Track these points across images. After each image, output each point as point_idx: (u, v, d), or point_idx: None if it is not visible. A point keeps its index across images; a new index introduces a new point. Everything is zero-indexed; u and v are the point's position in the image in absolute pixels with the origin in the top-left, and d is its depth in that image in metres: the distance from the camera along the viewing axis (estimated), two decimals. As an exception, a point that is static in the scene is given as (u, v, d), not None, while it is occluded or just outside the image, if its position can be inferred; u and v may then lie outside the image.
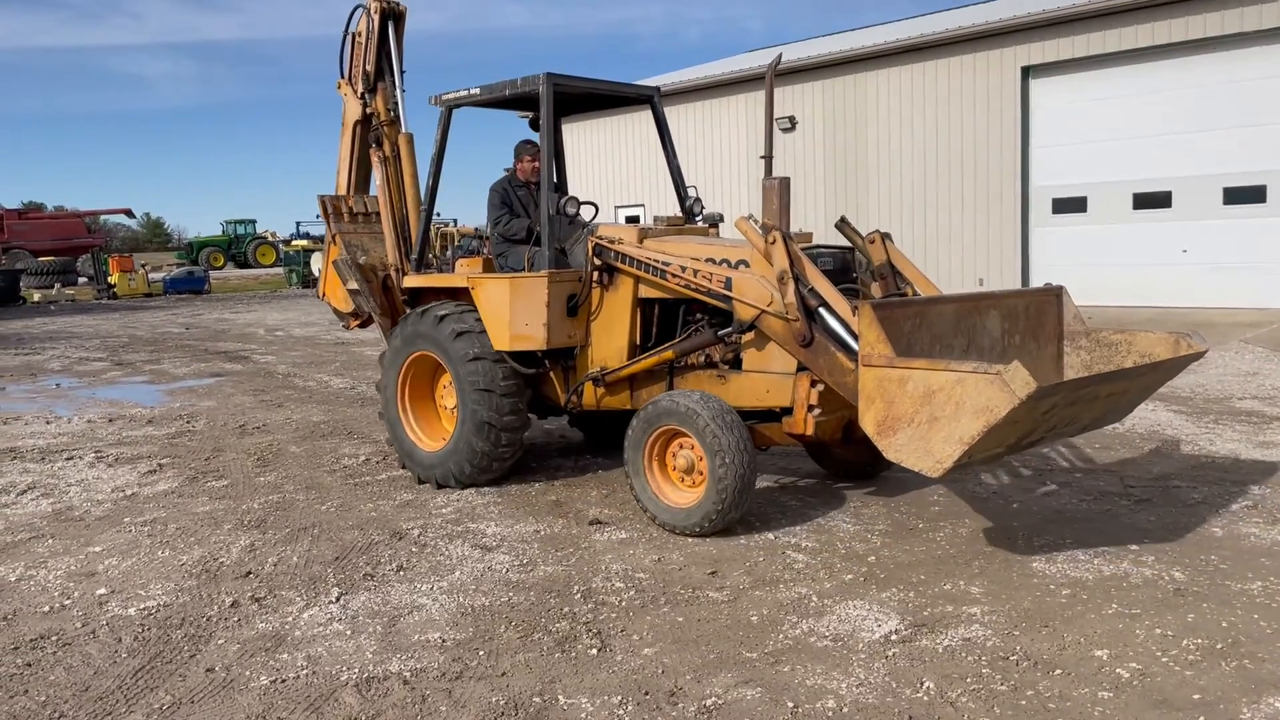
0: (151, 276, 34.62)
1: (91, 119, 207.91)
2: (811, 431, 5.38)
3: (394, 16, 7.42)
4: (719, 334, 5.68)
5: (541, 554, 5.17)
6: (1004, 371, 4.01)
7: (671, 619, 4.26)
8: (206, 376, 12.73)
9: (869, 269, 6.03)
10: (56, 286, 34.36)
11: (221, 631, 4.27)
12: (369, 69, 7.41)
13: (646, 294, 6.08)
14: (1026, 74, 17.80)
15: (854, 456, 6.34)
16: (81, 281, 38.91)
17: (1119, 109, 16.91)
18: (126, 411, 10.05)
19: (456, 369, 6.32)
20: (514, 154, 6.95)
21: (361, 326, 7.98)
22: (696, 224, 6.93)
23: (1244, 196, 15.83)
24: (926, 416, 4.29)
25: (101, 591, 4.79)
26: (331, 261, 7.71)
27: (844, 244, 6.13)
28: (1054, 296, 5.78)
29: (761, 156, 5.99)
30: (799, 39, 26.97)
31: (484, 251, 7.00)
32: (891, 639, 3.99)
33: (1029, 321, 5.59)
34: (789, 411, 5.47)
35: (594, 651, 3.96)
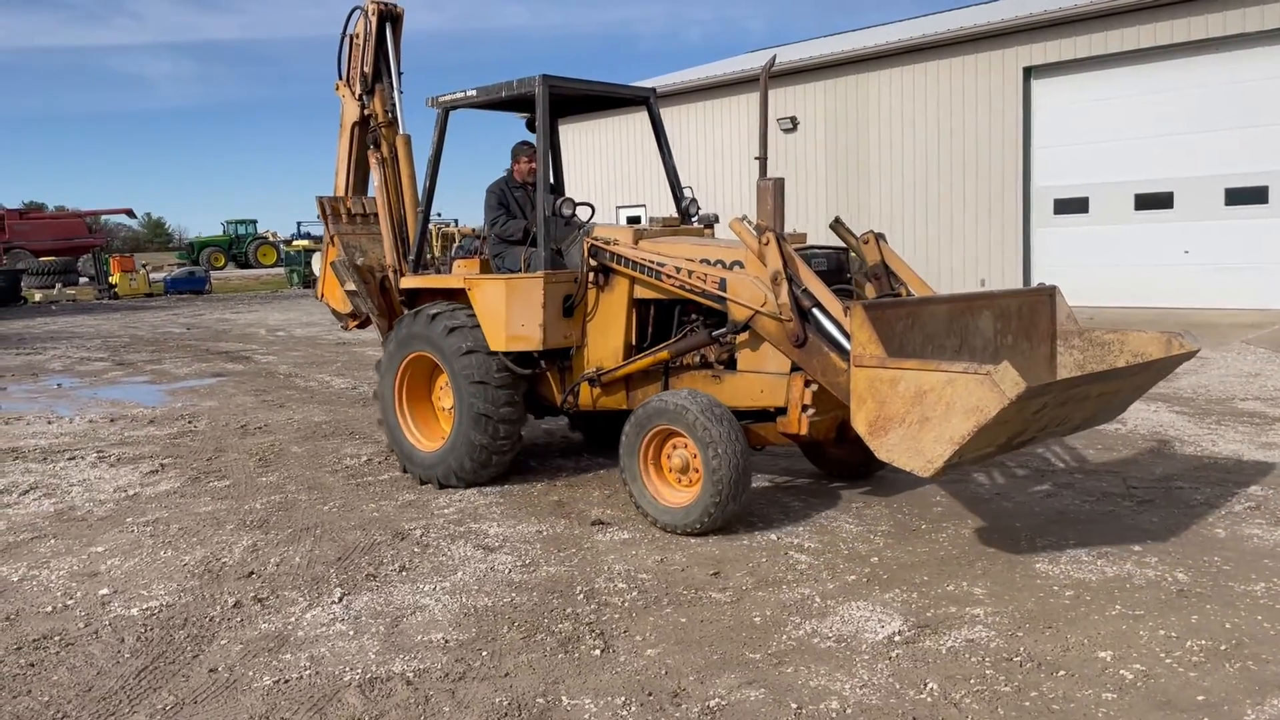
0: (152, 276, 34.63)
1: (92, 119, 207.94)
2: (805, 431, 5.41)
3: (391, 18, 7.44)
4: (714, 334, 5.70)
5: (544, 554, 5.17)
6: (994, 372, 4.03)
7: (674, 620, 4.26)
8: (208, 376, 12.73)
9: (863, 269, 6.05)
10: (57, 286, 34.38)
11: (224, 632, 4.26)
12: (367, 71, 7.43)
13: (642, 295, 6.11)
14: (1028, 74, 17.81)
15: (848, 456, 6.35)
16: (82, 281, 38.93)
17: (1121, 109, 16.91)
18: (128, 411, 10.05)
19: (451, 364, 6.35)
20: (510, 155, 6.97)
21: (360, 327, 8.00)
22: (692, 225, 6.95)
23: (1246, 197, 15.83)
24: (918, 416, 4.31)
25: (104, 592, 4.79)
26: (329, 263, 7.72)
27: (838, 244, 6.15)
28: (1047, 296, 5.79)
29: (756, 158, 6.01)
30: (800, 39, 26.99)
31: (482, 252, 7.01)
32: (895, 640, 3.98)
33: (1022, 321, 5.61)
34: (783, 411, 5.49)
35: (597, 652, 3.95)
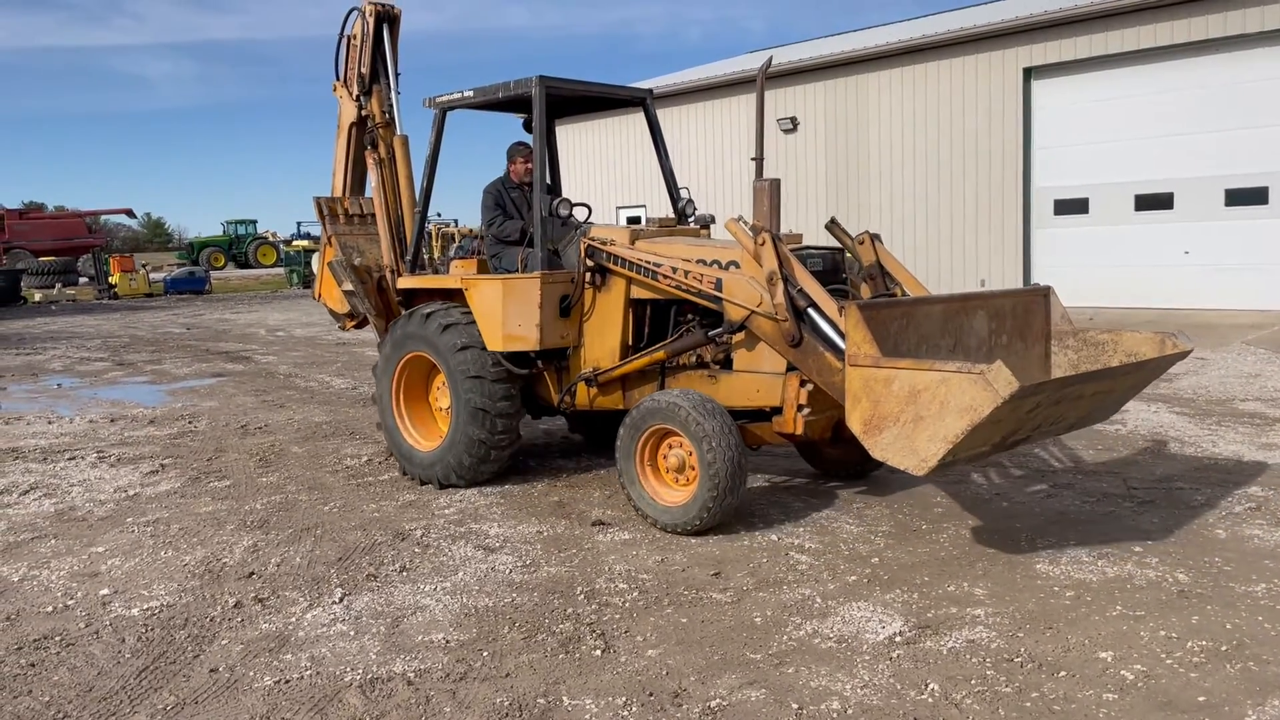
0: (152, 276, 34.65)
1: (92, 119, 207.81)
2: (801, 431, 5.42)
3: (389, 19, 7.45)
4: (710, 334, 5.72)
5: (545, 555, 5.17)
6: (987, 371, 4.04)
7: (675, 620, 4.26)
8: (208, 377, 12.74)
9: (859, 270, 6.06)
10: (57, 286, 34.37)
11: (225, 632, 4.26)
12: (364, 71, 7.45)
13: (638, 295, 6.13)
14: (1028, 75, 17.80)
15: (844, 456, 6.37)
16: (82, 281, 38.92)
17: (1121, 110, 16.91)
18: (128, 411, 10.05)
19: (447, 361, 6.37)
20: (507, 156, 6.99)
21: (357, 328, 8.02)
22: (689, 225, 6.97)
23: (1246, 198, 15.83)
24: (912, 416, 4.32)
25: (105, 592, 4.79)
26: (327, 263, 7.73)
27: (834, 245, 6.17)
28: (1041, 297, 5.81)
29: (752, 158, 6.03)
30: (800, 40, 27.00)
31: (480, 253, 7.03)
32: (896, 640, 3.99)
33: (1016, 321, 5.62)
34: (779, 411, 5.50)
35: (598, 652, 3.95)
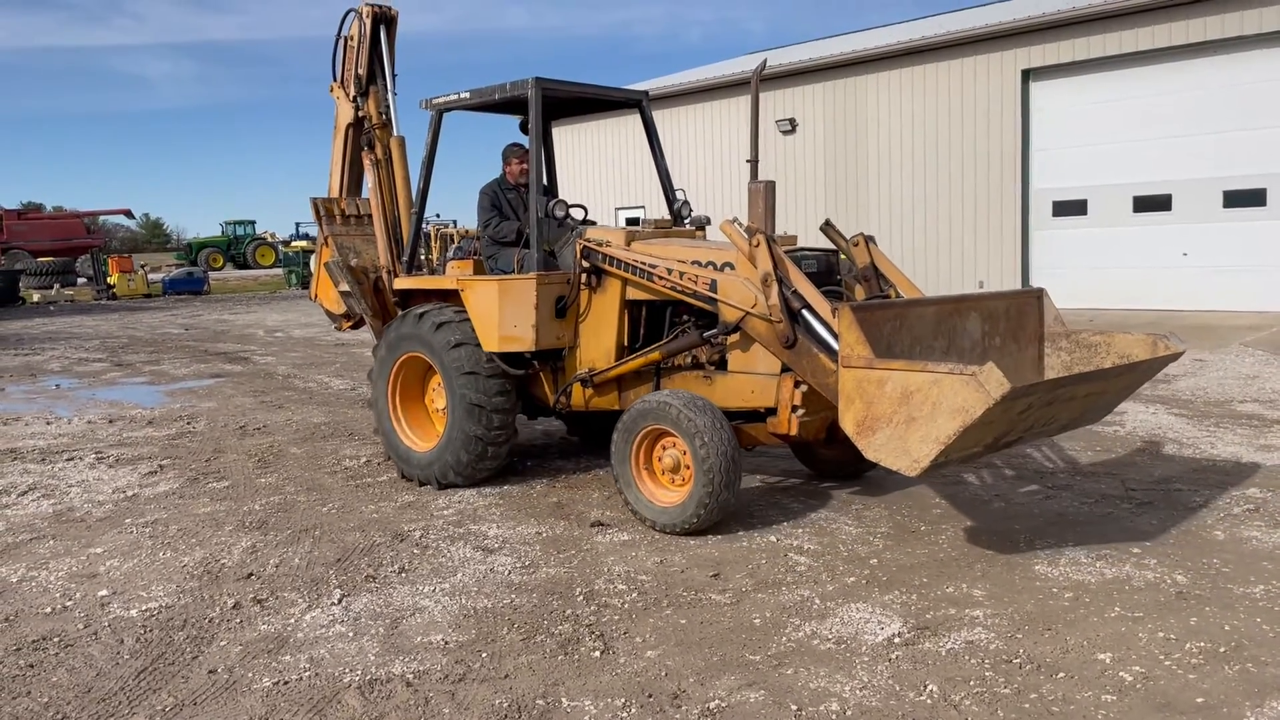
0: (151, 277, 34.64)
1: (91, 119, 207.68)
2: (795, 432, 5.44)
3: (386, 20, 7.47)
4: (704, 335, 5.74)
5: (543, 556, 5.17)
6: (979, 372, 4.06)
7: (674, 621, 4.26)
8: (206, 377, 12.73)
9: (853, 271, 6.09)
10: (56, 287, 34.33)
11: (224, 633, 4.26)
12: (361, 72, 7.46)
13: (634, 296, 6.14)
14: (1027, 77, 17.82)
15: (839, 456, 6.38)
16: (81, 282, 38.87)
17: (1119, 112, 16.92)
18: (127, 412, 10.04)
19: (441, 359, 6.39)
20: (502, 157, 7.00)
21: (354, 328, 8.03)
22: (684, 227, 6.98)
23: (1244, 199, 15.85)
24: (904, 417, 4.34)
25: (103, 593, 4.79)
26: (323, 264, 7.74)
27: (829, 247, 6.18)
28: (1034, 298, 5.83)
29: (748, 160, 6.04)
30: (800, 41, 27.02)
31: (476, 253, 7.04)
32: (894, 642, 3.99)
33: (1009, 323, 5.64)
34: (774, 412, 5.52)
35: (597, 654, 3.95)
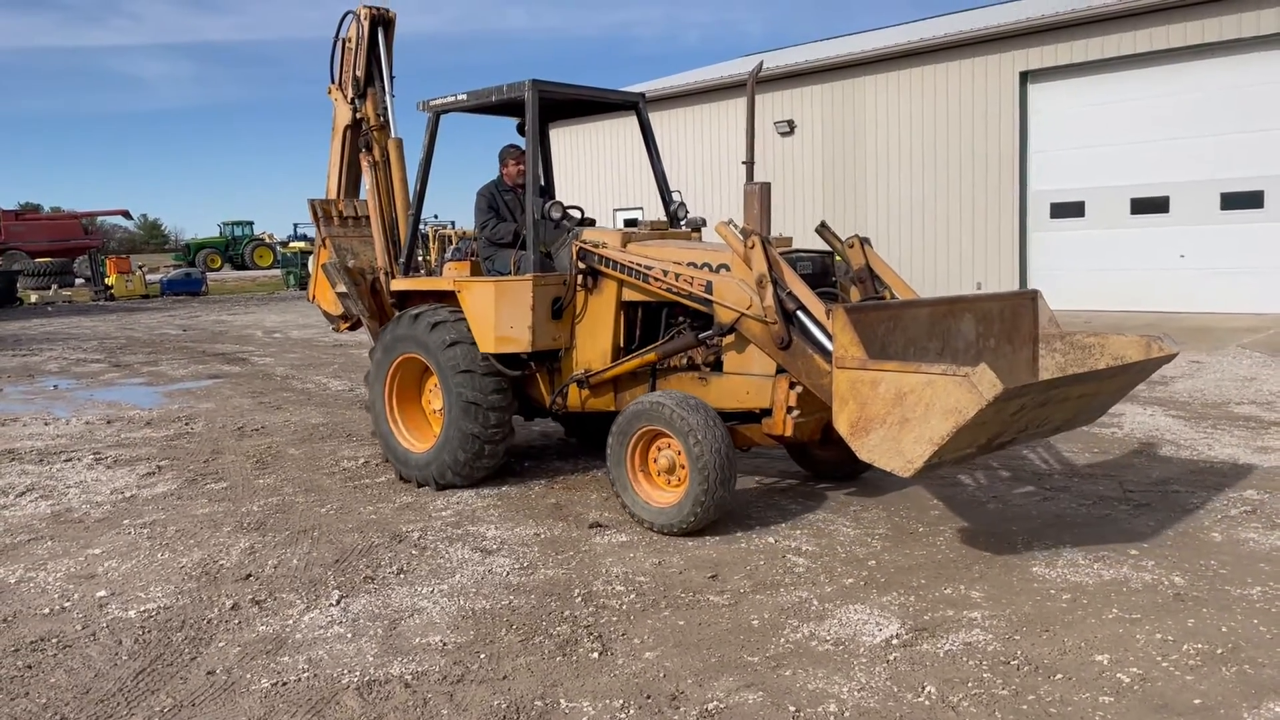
0: (149, 278, 34.59)
1: (89, 120, 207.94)
2: (790, 433, 5.45)
3: (383, 23, 7.48)
4: (700, 337, 5.75)
5: (542, 557, 5.17)
6: (972, 373, 4.07)
7: (672, 622, 4.27)
8: (204, 378, 12.72)
9: (848, 273, 6.10)
10: (53, 288, 34.30)
11: (222, 634, 4.26)
12: (359, 74, 7.47)
13: (630, 297, 6.16)
14: (1025, 79, 17.83)
15: (834, 457, 6.39)
16: (78, 283, 38.79)
17: (1117, 114, 16.94)
18: (125, 413, 10.04)
19: (436, 358, 6.41)
20: (499, 159, 7.01)
21: (351, 329, 8.04)
22: (680, 228, 7.00)
23: (1241, 201, 15.87)
24: (898, 417, 4.35)
25: (101, 594, 4.79)
26: (321, 265, 7.75)
27: (824, 248, 6.20)
28: (1029, 300, 5.85)
29: (743, 162, 6.06)
30: (797, 43, 27.04)
31: (474, 255, 7.06)
32: (892, 643, 3.99)
33: (1004, 325, 5.65)
34: (769, 413, 5.53)
35: (595, 655, 3.96)
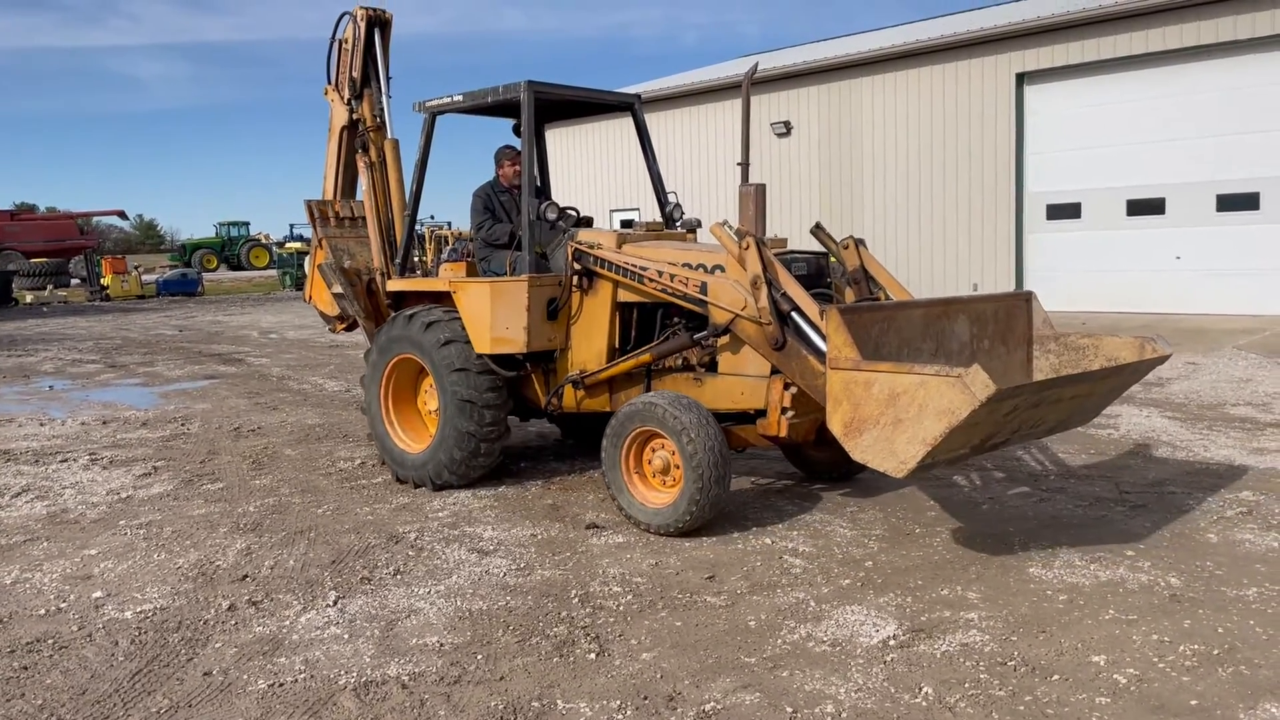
0: (144, 278, 34.53)
1: (85, 120, 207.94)
2: (785, 433, 5.46)
3: (380, 24, 7.48)
4: (695, 337, 5.76)
5: (539, 558, 5.16)
6: (964, 374, 4.09)
7: (669, 623, 4.26)
8: (200, 379, 12.70)
9: (843, 274, 6.11)
10: (49, 288, 34.23)
11: (218, 635, 4.25)
12: (355, 75, 7.47)
13: (625, 298, 6.16)
14: (1021, 80, 17.87)
15: (828, 458, 6.40)
16: (74, 283, 38.79)
17: (1113, 115, 16.98)
18: (120, 414, 10.02)
19: (431, 358, 6.42)
20: (495, 160, 7.02)
21: (347, 330, 8.04)
22: (676, 229, 7.01)
23: (1237, 203, 15.91)
24: (891, 418, 4.36)
25: (97, 594, 4.78)
26: (317, 265, 7.75)
27: (819, 249, 6.21)
28: (1023, 301, 5.86)
29: (738, 163, 6.06)
30: (795, 44, 27.06)
31: (470, 255, 7.06)
32: (889, 644, 3.99)
33: (998, 326, 5.67)
34: (763, 414, 5.54)
35: (592, 656, 3.96)
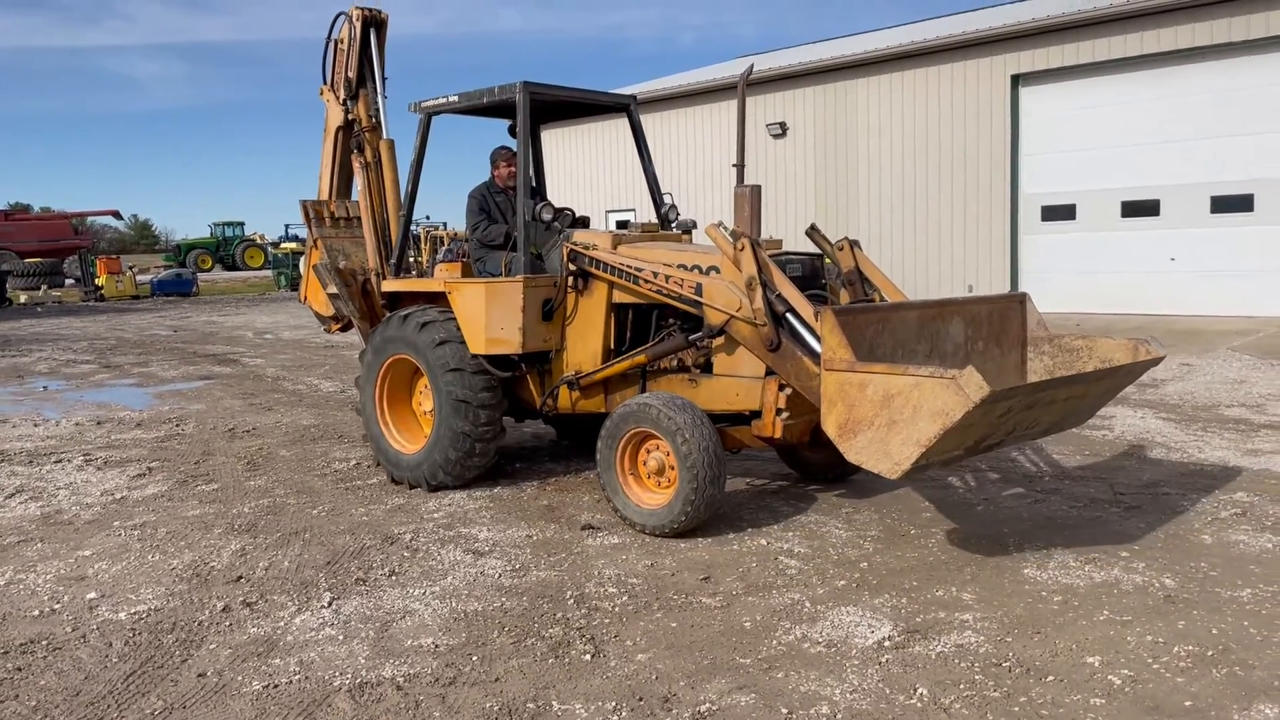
0: (139, 278, 34.48)
1: (80, 120, 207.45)
2: (780, 434, 5.46)
3: (376, 24, 7.47)
4: (690, 339, 5.76)
5: (534, 559, 5.16)
6: (959, 376, 4.09)
7: (665, 625, 4.26)
8: (195, 379, 12.68)
9: (838, 275, 6.12)
10: (43, 288, 34.18)
11: (213, 636, 4.25)
12: (351, 76, 7.46)
13: (620, 299, 6.16)
14: (1016, 82, 17.90)
15: (823, 459, 6.41)
16: (68, 283, 38.69)
17: (1108, 117, 17.01)
18: (115, 414, 10.00)
19: (426, 358, 6.41)
20: (490, 161, 7.02)
21: (342, 331, 8.03)
22: (671, 230, 7.01)
23: (1231, 205, 15.96)
24: (885, 419, 4.37)
25: (92, 595, 4.76)
26: (312, 266, 7.74)
27: (814, 251, 6.21)
28: (1017, 303, 5.87)
29: (734, 165, 6.07)
30: (790, 45, 27.08)
31: (465, 256, 7.06)
32: (885, 645, 4.00)
33: (992, 328, 5.68)
34: (758, 415, 5.54)
35: (587, 657, 3.95)
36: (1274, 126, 15.39)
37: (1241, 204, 15.87)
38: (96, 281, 32.20)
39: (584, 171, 24.97)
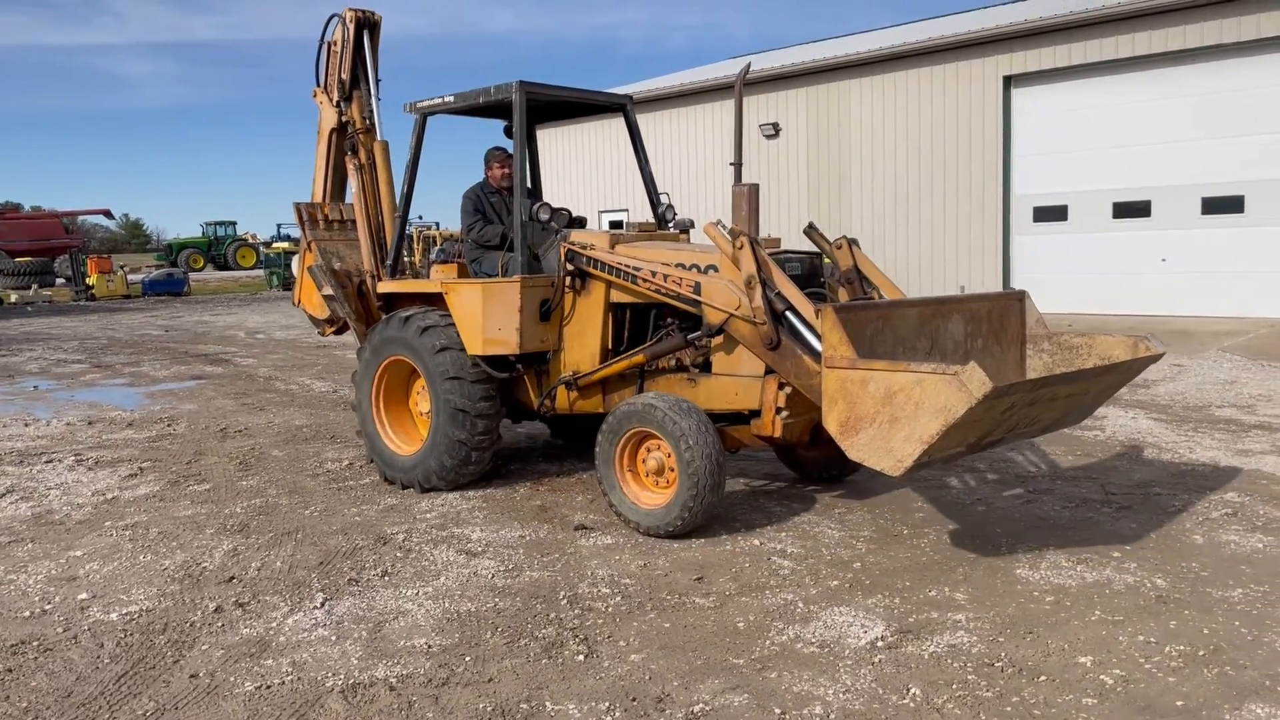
0: (130, 278, 34.36)
1: (72, 118, 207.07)
2: (779, 433, 5.46)
3: (369, 26, 7.46)
4: (689, 338, 5.75)
5: (527, 559, 5.16)
6: (961, 372, 4.09)
7: (658, 625, 4.26)
8: (187, 379, 12.65)
9: (836, 274, 6.12)
10: (34, 287, 34.00)
11: (205, 637, 4.23)
12: (344, 77, 7.45)
13: (618, 299, 6.15)
14: (1008, 83, 17.93)
15: (821, 458, 6.42)
16: (59, 283, 38.54)
17: (1100, 118, 17.06)
18: (106, 414, 9.96)
19: (425, 363, 6.39)
20: (484, 161, 7.00)
21: (337, 333, 8.01)
22: (669, 230, 7.01)
23: (1222, 206, 16.01)
24: (887, 416, 4.37)
25: (83, 596, 4.75)
26: (306, 268, 7.71)
27: (812, 250, 6.21)
28: (1016, 301, 5.89)
29: (731, 164, 6.07)
30: (783, 45, 27.11)
31: (461, 257, 7.04)
32: (877, 645, 4.00)
33: (992, 325, 5.69)
34: (758, 414, 5.54)
35: (581, 658, 3.95)
36: (1265, 128, 15.45)
37: (1232, 205, 15.93)
38: (87, 281, 32.12)
39: (579, 172, 24.96)
